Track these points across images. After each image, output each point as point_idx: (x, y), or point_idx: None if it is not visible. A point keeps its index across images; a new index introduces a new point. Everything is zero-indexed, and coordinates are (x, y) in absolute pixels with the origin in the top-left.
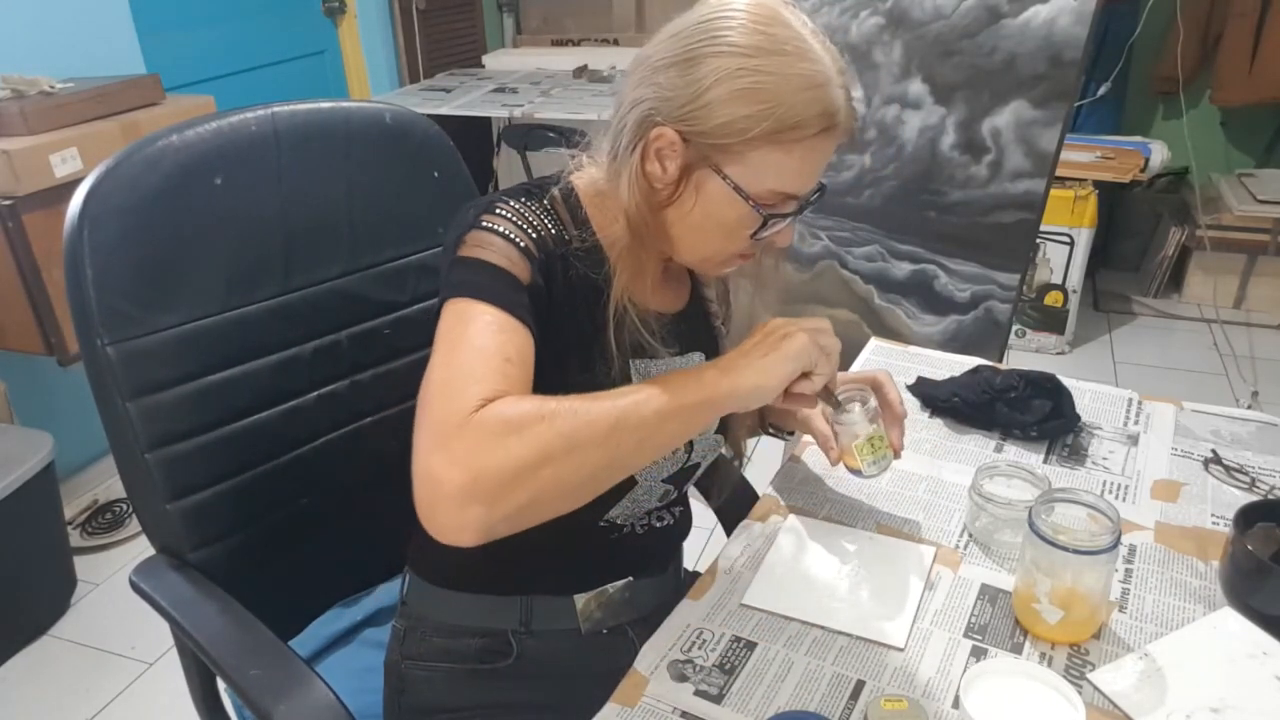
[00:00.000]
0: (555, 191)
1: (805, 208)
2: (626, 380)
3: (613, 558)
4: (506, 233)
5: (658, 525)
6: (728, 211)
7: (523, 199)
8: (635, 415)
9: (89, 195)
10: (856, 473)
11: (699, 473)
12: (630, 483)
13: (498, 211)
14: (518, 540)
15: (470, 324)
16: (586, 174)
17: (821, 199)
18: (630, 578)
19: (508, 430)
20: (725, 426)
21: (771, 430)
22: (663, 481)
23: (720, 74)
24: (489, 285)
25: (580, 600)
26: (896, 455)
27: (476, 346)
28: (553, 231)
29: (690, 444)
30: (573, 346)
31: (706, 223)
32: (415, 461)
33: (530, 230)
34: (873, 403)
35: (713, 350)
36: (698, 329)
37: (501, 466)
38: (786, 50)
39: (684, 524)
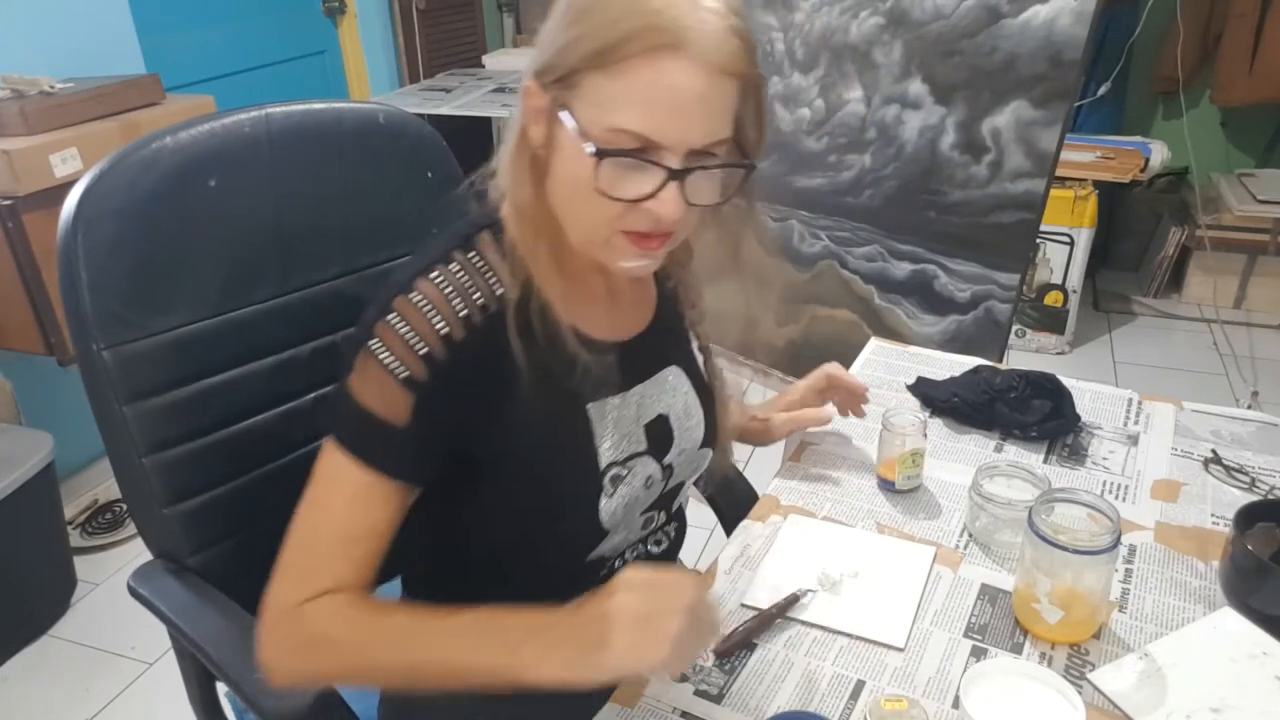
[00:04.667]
0: (486, 235)
1: (688, 173)
2: (585, 429)
3: None
4: (389, 363)
5: (655, 551)
6: (579, 164)
7: (444, 268)
8: (424, 670)
9: (83, 198)
10: (889, 485)
11: (685, 490)
12: (601, 532)
13: (392, 319)
14: (506, 587)
15: (335, 486)
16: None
17: (749, 176)
18: None
19: (311, 646)
20: (712, 439)
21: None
22: (641, 514)
23: (558, 3)
24: (361, 436)
25: None
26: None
27: (332, 520)
28: (479, 301)
29: (669, 468)
30: (519, 408)
31: (568, 183)
32: (263, 601)
33: (440, 324)
34: (923, 418)
35: (688, 361)
36: (669, 342)
37: (302, 672)
38: None
39: (680, 538)
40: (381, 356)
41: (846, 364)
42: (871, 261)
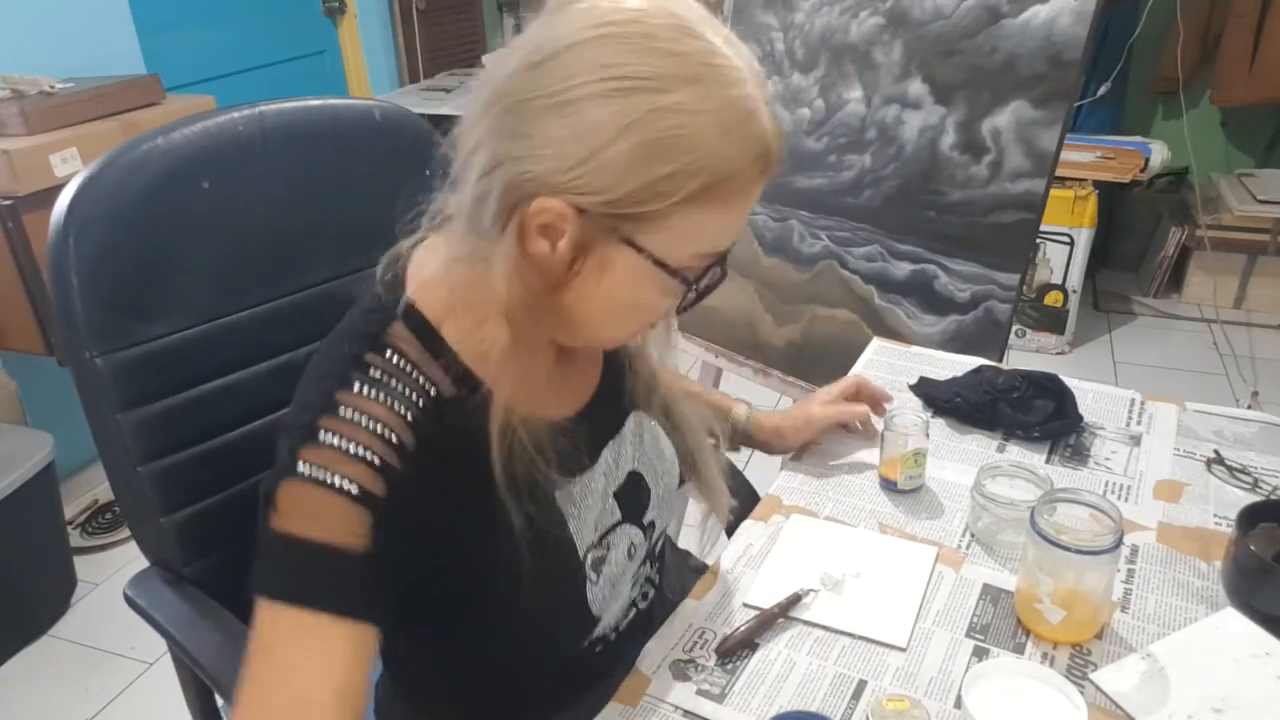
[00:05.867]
0: (398, 327)
1: (728, 251)
2: (559, 519)
3: (603, 662)
4: (334, 481)
5: (642, 607)
6: (645, 288)
7: (362, 375)
8: None
9: (73, 203)
10: (891, 485)
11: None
12: (593, 620)
13: (325, 436)
14: (500, 683)
15: (284, 653)
16: (423, 264)
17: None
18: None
19: None
20: (686, 472)
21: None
22: (630, 579)
23: (621, 122)
24: (310, 576)
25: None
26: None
27: (291, 689)
28: (418, 403)
29: (650, 525)
30: (483, 511)
31: (616, 303)
32: None
33: (384, 430)
34: (925, 418)
35: (648, 398)
36: (624, 385)
37: None
38: (704, 74)
39: (661, 577)
40: (321, 477)
41: (847, 364)
42: (871, 261)
